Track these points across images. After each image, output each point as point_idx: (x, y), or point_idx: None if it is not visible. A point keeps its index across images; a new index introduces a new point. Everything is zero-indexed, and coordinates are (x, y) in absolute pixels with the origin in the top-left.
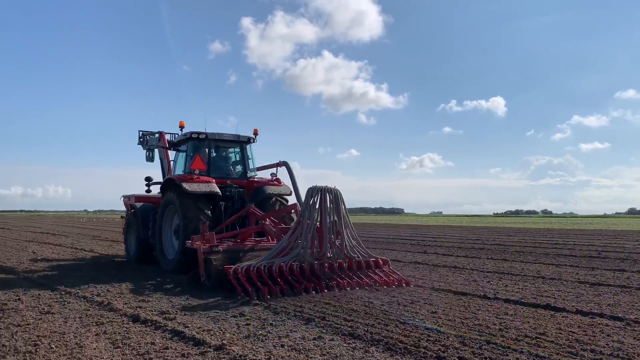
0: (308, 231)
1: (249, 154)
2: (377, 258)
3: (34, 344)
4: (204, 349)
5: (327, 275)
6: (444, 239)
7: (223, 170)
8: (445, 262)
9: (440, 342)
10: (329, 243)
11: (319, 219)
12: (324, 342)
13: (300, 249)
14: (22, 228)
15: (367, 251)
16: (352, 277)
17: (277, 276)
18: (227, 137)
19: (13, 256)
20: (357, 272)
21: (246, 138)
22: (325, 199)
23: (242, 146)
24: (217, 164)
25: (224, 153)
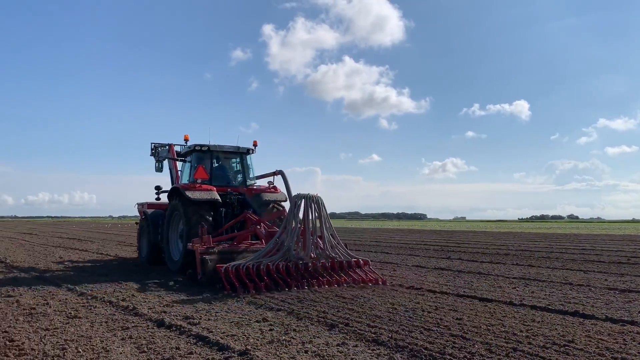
0: (293, 234)
1: (248, 163)
2: (358, 258)
3: (62, 348)
4: (228, 354)
5: (310, 274)
6: (467, 244)
7: (224, 179)
8: (470, 268)
9: (466, 349)
10: (312, 245)
11: (303, 223)
12: (348, 349)
13: (286, 249)
14: (49, 234)
15: (348, 252)
16: (333, 275)
17: (264, 274)
18: (228, 149)
19: (41, 261)
20: (338, 271)
21: (245, 149)
22: (308, 205)
23: (242, 157)
24: (219, 173)
25: (225, 163)
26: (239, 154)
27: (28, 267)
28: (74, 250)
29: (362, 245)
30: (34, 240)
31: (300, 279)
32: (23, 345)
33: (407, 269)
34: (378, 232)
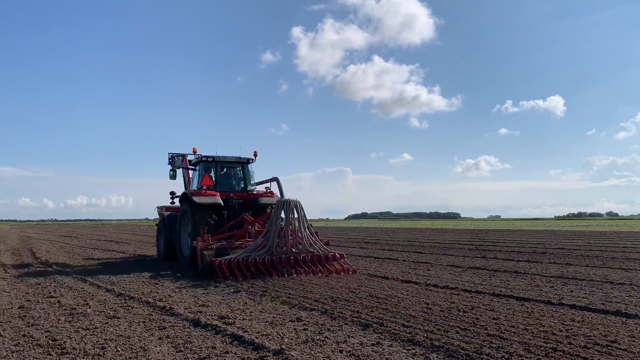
0: (276, 232)
1: (249, 171)
2: (334, 253)
3: (102, 347)
4: (264, 353)
5: (291, 265)
6: (503, 243)
7: (227, 185)
8: (506, 267)
9: (503, 349)
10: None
11: (284, 223)
12: (383, 348)
13: (270, 245)
14: (87, 236)
15: (324, 247)
16: (311, 266)
17: (252, 266)
18: (231, 159)
19: (80, 263)
20: (316, 263)
21: (246, 159)
22: (288, 208)
23: (243, 166)
24: (223, 180)
25: (228, 172)
26: (241, 164)
27: (68, 269)
28: (112, 252)
29: (394, 245)
30: (73, 242)
31: (282, 269)
32: (65, 344)
33: (442, 268)
34: (411, 232)
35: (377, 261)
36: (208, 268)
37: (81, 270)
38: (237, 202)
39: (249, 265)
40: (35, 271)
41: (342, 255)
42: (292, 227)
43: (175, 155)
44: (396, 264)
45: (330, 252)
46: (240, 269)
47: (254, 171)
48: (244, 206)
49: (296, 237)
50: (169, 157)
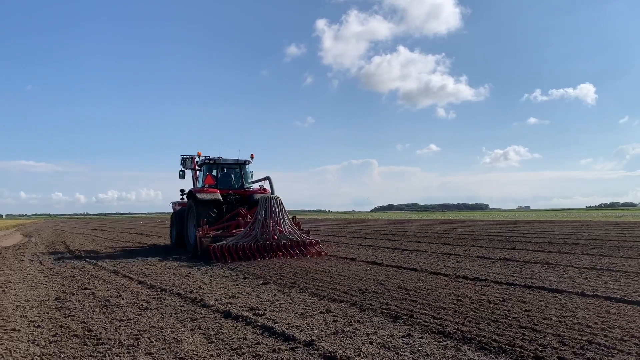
0: (259, 223)
1: (246, 171)
2: (310, 239)
3: (136, 338)
4: (294, 344)
5: (273, 249)
6: (533, 234)
7: (227, 183)
8: (537, 259)
9: (536, 341)
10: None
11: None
12: (414, 340)
13: (255, 233)
14: (118, 230)
15: (302, 235)
16: (289, 251)
17: (240, 250)
18: (230, 161)
19: (112, 256)
20: (294, 248)
21: (243, 161)
22: (271, 203)
23: (241, 167)
24: (223, 179)
25: (228, 172)
26: (239, 165)
27: (101, 262)
28: (142, 245)
29: (422, 237)
30: (105, 236)
31: (264, 253)
32: (100, 335)
33: (471, 260)
34: (438, 223)
35: (404, 253)
36: (205, 252)
37: (113, 264)
38: (235, 197)
39: (237, 250)
40: (69, 264)
41: (317, 242)
42: (274, 219)
43: (186, 157)
44: (424, 256)
45: (307, 239)
46: (230, 252)
47: (252, 170)
48: (241, 201)
49: (277, 227)
50: (181, 158)
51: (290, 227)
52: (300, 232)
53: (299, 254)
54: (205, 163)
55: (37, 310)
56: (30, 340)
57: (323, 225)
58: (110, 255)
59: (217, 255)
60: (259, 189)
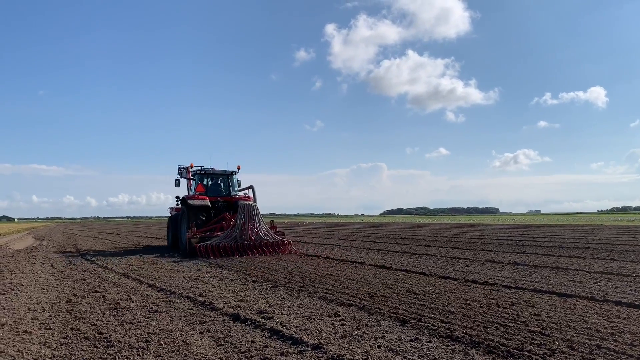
0: (239, 226)
1: (233, 181)
2: (283, 240)
3: (146, 341)
4: (302, 347)
5: (250, 248)
6: (543, 238)
7: (216, 191)
8: (547, 263)
9: (545, 345)
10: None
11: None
12: (422, 344)
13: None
14: (129, 233)
15: (276, 237)
16: (264, 249)
17: (222, 249)
18: (218, 172)
19: (122, 259)
20: (268, 247)
21: (230, 172)
22: (250, 208)
23: (228, 177)
24: (212, 187)
25: (216, 181)
26: (226, 175)
27: (111, 265)
28: (153, 248)
29: (431, 241)
30: (115, 239)
31: (242, 251)
32: (110, 337)
33: (480, 264)
34: (448, 227)
35: (413, 257)
36: (193, 250)
37: (123, 267)
38: (222, 204)
39: (219, 249)
40: (80, 267)
41: (289, 242)
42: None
43: (182, 168)
44: (433, 260)
45: (280, 240)
46: (213, 250)
47: (240, 179)
48: (227, 207)
49: (255, 230)
50: (178, 168)
51: (265, 230)
52: (275, 234)
53: (273, 252)
54: (197, 173)
55: (48, 312)
56: (42, 342)
57: (332, 229)
58: (120, 258)
59: (202, 253)
60: (244, 196)
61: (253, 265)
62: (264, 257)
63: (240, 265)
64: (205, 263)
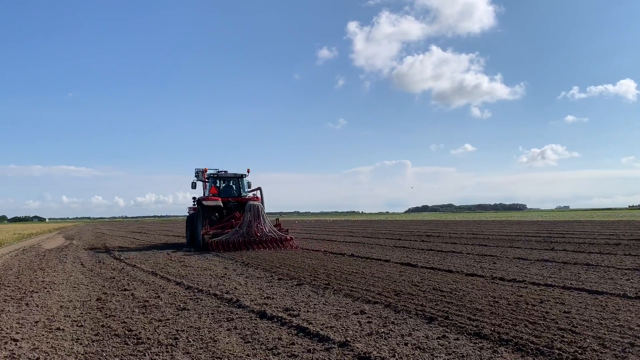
0: (246, 224)
1: (243, 183)
2: (285, 236)
3: (174, 338)
4: (329, 345)
5: (256, 243)
6: (572, 235)
7: (227, 193)
8: (576, 260)
9: (576, 343)
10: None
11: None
12: (449, 342)
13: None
14: (156, 232)
15: (279, 233)
16: (268, 244)
17: (231, 244)
18: (230, 175)
19: (151, 257)
20: (272, 243)
21: (241, 174)
22: (256, 208)
23: (238, 179)
24: (224, 189)
25: (228, 183)
26: (237, 178)
27: (139, 263)
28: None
29: (457, 238)
30: (143, 238)
31: (249, 246)
32: (140, 334)
33: (508, 261)
34: (474, 224)
35: (439, 254)
36: (206, 245)
37: (151, 265)
38: (233, 204)
39: (228, 243)
40: (109, 265)
41: (291, 238)
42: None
43: (199, 171)
44: (460, 257)
45: (283, 236)
46: (223, 245)
47: (251, 181)
48: (238, 207)
49: (260, 227)
50: (195, 171)
51: (270, 227)
52: (278, 231)
53: (276, 247)
54: (210, 176)
55: (79, 310)
56: (74, 339)
57: (356, 226)
58: (148, 257)
59: (213, 247)
60: (253, 197)
61: (278, 262)
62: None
63: (266, 263)
64: (231, 261)
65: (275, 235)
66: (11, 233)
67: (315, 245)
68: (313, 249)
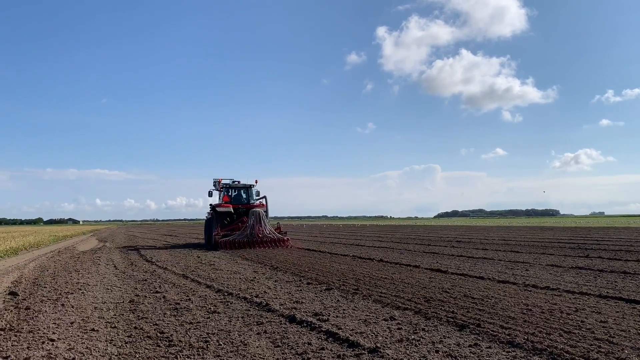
0: (250, 227)
1: (252, 192)
2: (283, 237)
3: (205, 341)
4: (359, 351)
5: (258, 243)
6: (608, 241)
7: (238, 200)
8: (612, 267)
9: (613, 354)
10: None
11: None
12: (481, 350)
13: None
14: (187, 235)
15: (278, 235)
16: (268, 244)
17: (237, 243)
18: (240, 185)
19: (181, 261)
20: (271, 243)
21: (249, 185)
22: (258, 214)
23: (247, 189)
24: (235, 197)
25: (238, 192)
26: (246, 187)
27: (170, 266)
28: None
29: (488, 244)
30: (174, 241)
31: (252, 245)
32: (171, 337)
33: (541, 268)
34: (506, 230)
35: (470, 261)
36: (216, 244)
37: (182, 268)
38: (243, 210)
39: (235, 243)
40: (141, 268)
41: (288, 239)
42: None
43: (215, 181)
44: (491, 264)
45: (281, 237)
46: (231, 244)
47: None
48: (246, 213)
49: (262, 229)
50: (213, 181)
51: (269, 230)
52: (277, 233)
53: (274, 246)
54: (224, 186)
55: (113, 312)
56: (108, 340)
57: (385, 231)
58: (179, 260)
59: (222, 246)
60: (259, 204)
61: (307, 267)
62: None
63: (295, 268)
64: (261, 265)
65: (274, 236)
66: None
67: (343, 250)
68: (341, 254)
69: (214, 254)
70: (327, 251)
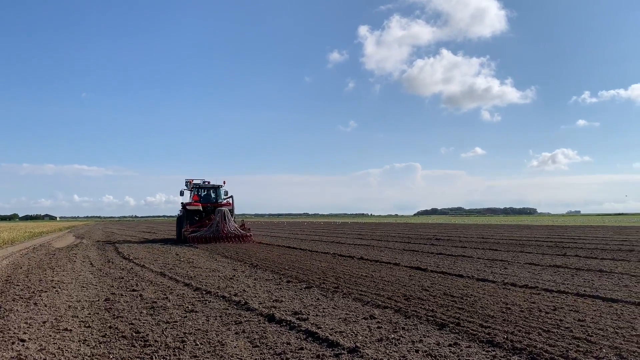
0: (215, 223)
1: (220, 191)
2: (245, 233)
3: (182, 341)
4: (338, 350)
5: (222, 238)
6: (584, 240)
7: (207, 199)
8: (589, 266)
9: (592, 353)
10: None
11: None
12: (461, 349)
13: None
14: (166, 232)
15: (241, 231)
16: (232, 239)
17: (204, 238)
18: (209, 185)
19: (159, 258)
20: (235, 238)
21: (217, 185)
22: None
23: (216, 188)
24: (205, 196)
25: (208, 192)
26: (214, 187)
27: (149, 264)
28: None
29: (467, 242)
30: (152, 238)
31: (217, 240)
32: (147, 336)
33: (520, 266)
34: (484, 228)
35: (449, 258)
36: (186, 239)
37: (160, 266)
38: (211, 208)
39: (201, 238)
40: (118, 265)
41: (250, 235)
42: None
43: (187, 181)
44: (470, 262)
45: (244, 233)
46: (198, 239)
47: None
48: (213, 211)
49: (226, 226)
50: (185, 181)
51: (234, 227)
52: (240, 229)
53: (237, 241)
54: (194, 186)
55: (87, 310)
56: (81, 340)
57: (365, 229)
58: (157, 257)
59: (190, 241)
60: (226, 203)
61: (287, 265)
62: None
63: (275, 266)
64: (240, 263)
65: (237, 232)
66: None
67: (324, 247)
68: (322, 252)
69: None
70: (307, 249)
